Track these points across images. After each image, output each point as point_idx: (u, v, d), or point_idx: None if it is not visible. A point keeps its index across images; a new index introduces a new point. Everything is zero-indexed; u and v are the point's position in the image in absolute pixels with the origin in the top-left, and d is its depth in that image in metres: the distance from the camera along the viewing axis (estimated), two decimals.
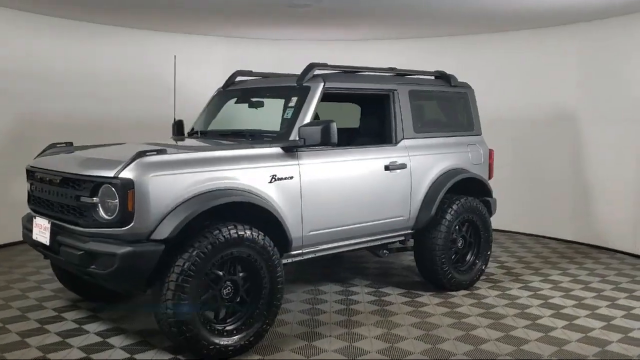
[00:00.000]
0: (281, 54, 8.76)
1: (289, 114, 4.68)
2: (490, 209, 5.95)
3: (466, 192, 5.76)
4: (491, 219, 5.92)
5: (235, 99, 5.47)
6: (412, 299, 5.36)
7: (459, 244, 5.66)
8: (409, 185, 5.26)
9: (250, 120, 5.38)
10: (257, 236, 4.01)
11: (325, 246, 4.77)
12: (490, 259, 6.89)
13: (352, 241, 4.99)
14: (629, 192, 7.15)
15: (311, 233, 4.57)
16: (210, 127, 5.51)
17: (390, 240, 5.38)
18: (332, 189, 4.69)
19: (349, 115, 6.41)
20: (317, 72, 4.88)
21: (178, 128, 5.70)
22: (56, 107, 7.47)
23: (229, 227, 3.88)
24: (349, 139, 5.79)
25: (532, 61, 8.08)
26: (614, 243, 7.40)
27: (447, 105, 5.99)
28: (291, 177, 4.39)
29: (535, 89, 8.06)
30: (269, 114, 5.20)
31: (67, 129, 7.25)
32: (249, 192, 4.11)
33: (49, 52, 7.43)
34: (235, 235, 3.89)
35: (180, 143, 5.17)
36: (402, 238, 5.47)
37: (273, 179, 4.28)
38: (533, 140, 8.17)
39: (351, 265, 6.55)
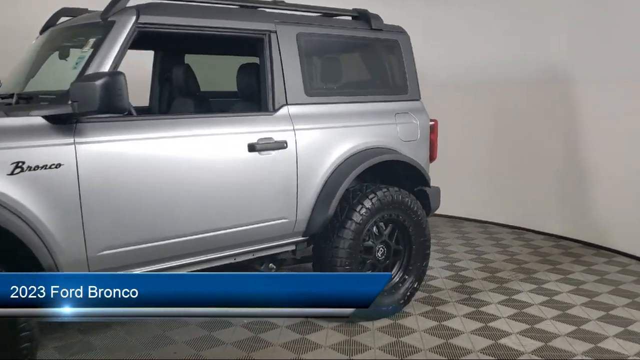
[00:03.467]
0: None
1: (79, 64, 3.03)
2: (428, 203, 4.26)
3: (394, 180, 4.09)
4: (453, 206, 4.25)
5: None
6: (301, 334, 3.74)
7: (379, 254, 4.00)
8: (294, 173, 3.58)
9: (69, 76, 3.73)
10: None
11: (142, 269, 3.14)
12: (447, 263, 5.28)
13: (198, 258, 3.35)
14: (635, 175, 5.41)
15: (106, 252, 2.93)
16: (28, 88, 3.87)
17: (271, 252, 3.73)
18: (145, 182, 3.03)
19: None
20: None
21: None
22: None
23: None
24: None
25: (516, 6, 6.31)
26: (615, 242, 5.71)
27: (366, 58, 4.24)
28: (57, 165, 2.74)
29: (519, 41, 6.31)
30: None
31: None
32: None
33: None
34: None
35: None
36: (293, 247, 3.83)
37: (18, 169, 2.64)
38: (516, 108, 6.46)
39: None
